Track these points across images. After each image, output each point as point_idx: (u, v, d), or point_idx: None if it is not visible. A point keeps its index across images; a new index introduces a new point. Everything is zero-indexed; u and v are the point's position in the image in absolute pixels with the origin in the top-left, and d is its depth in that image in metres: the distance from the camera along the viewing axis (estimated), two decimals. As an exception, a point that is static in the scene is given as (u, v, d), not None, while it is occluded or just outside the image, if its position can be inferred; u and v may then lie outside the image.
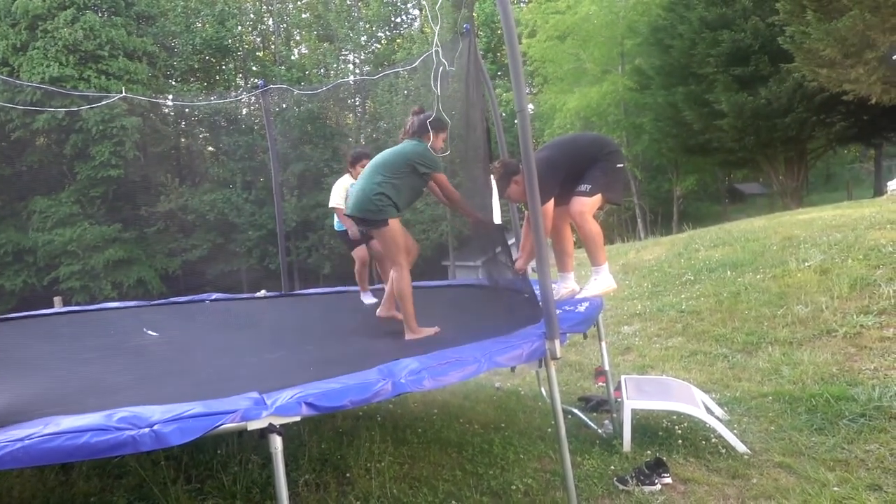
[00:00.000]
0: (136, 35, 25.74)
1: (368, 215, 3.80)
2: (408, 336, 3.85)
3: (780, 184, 20.21)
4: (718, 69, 17.94)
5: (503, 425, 4.36)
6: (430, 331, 3.83)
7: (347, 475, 3.54)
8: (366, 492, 3.34)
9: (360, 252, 5.55)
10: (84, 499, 3.37)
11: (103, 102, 13.42)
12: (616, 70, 23.40)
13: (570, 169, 3.96)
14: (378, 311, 4.48)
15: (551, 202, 3.88)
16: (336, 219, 5.61)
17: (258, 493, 3.36)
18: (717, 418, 3.99)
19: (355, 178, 5.06)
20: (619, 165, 4.09)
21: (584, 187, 3.92)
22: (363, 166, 5.04)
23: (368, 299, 5.54)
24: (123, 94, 8.45)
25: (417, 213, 22.58)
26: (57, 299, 12.09)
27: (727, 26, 17.70)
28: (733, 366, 5.25)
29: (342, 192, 5.43)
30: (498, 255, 4.45)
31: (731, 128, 17.93)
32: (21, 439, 2.00)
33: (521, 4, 29.09)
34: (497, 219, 4.06)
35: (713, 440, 3.81)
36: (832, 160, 31.12)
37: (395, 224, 3.80)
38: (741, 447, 3.69)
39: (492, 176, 4.07)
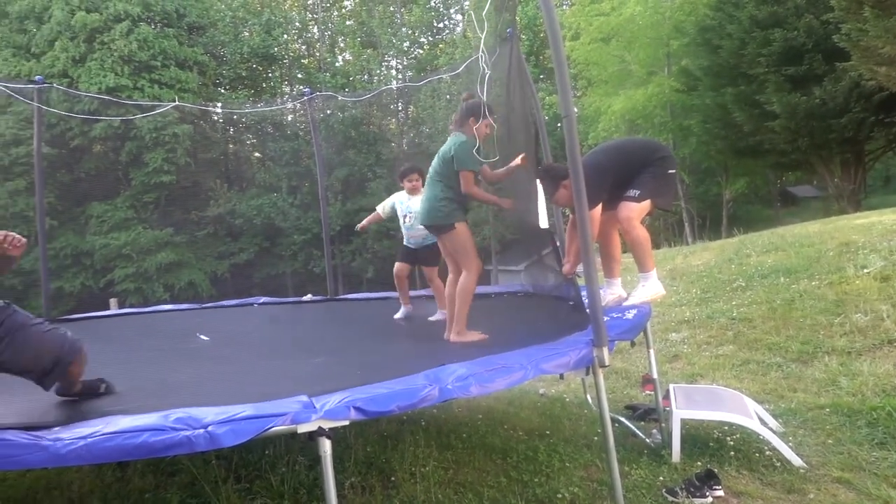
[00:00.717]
0: (187, 45, 26.57)
1: (437, 222, 3.94)
2: (453, 338, 3.87)
3: (835, 186, 19.52)
4: (770, 69, 17.45)
5: (548, 432, 4.32)
6: (476, 336, 3.84)
7: (392, 479, 3.56)
8: (411, 496, 3.35)
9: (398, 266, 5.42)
10: (139, 495, 3.47)
11: (157, 111, 13.89)
12: (662, 71, 23.02)
13: (619, 174, 3.89)
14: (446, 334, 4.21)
15: (598, 208, 3.82)
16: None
17: (305, 494, 3.40)
18: (772, 430, 3.86)
19: (409, 193, 5.21)
20: (670, 171, 3.99)
21: (633, 192, 3.85)
22: (410, 181, 5.19)
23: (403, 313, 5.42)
24: (176, 102, 8.71)
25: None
26: (112, 301, 12.54)
27: (779, 25, 17.21)
28: (788, 376, 5.08)
29: (390, 203, 5.43)
30: (544, 257, 4.41)
31: (783, 129, 17.41)
32: (84, 437, 2.08)
33: (564, 7, 28.88)
34: (543, 223, 4.03)
35: (767, 453, 3.69)
36: (892, 162, 29.85)
37: (462, 228, 3.90)
38: (797, 461, 3.56)
39: (538, 180, 4.04)
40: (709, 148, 22.08)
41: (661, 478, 3.49)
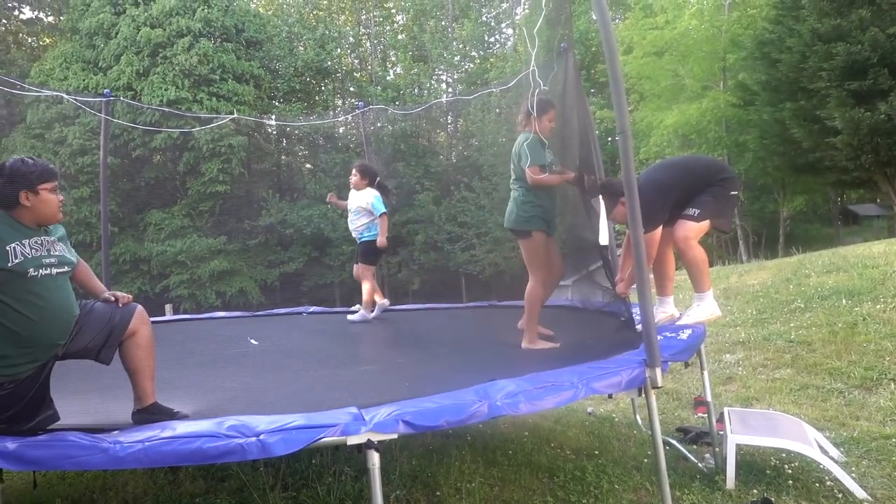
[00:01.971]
0: (244, 59, 27.38)
1: (515, 226, 4.09)
2: (524, 345, 4.05)
3: (901, 205, 18.70)
4: (832, 84, 16.85)
5: (596, 452, 4.23)
6: (546, 345, 3.89)
7: (437, 493, 3.54)
8: (456, 512, 3.33)
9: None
10: (190, 499, 3.54)
11: (216, 123, 14.34)
12: (717, 86, 22.54)
13: (681, 193, 3.79)
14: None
15: (659, 229, 3.73)
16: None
17: (350, 505, 3.42)
18: (833, 459, 3.69)
19: (353, 187, 5.90)
20: (732, 192, 3.89)
21: (692, 212, 3.76)
22: (352, 176, 5.89)
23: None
24: (235, 115, 8.97)
25: (507, 229, 22.54)
26: (168, 306, 12.98)
27: (842, 38, 16.62)
28: (850, 403, 4.85)
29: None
30: (593, 273, 4.37)
31: (845, 145, 16.77)
32: (141, 441, 2.14)
33: (617, 21, 28.64)
34: (604, 240, 3.99)
35: (828, 483, 3.53)
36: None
37: (539, 237, 4.02)
38: (860, 493, 3.39)
39: (600, 196, 3.99)
40: (765, 164, 21.44)
41: (715, 505, 3.37)
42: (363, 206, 5.85)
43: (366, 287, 5.86)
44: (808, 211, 27.70)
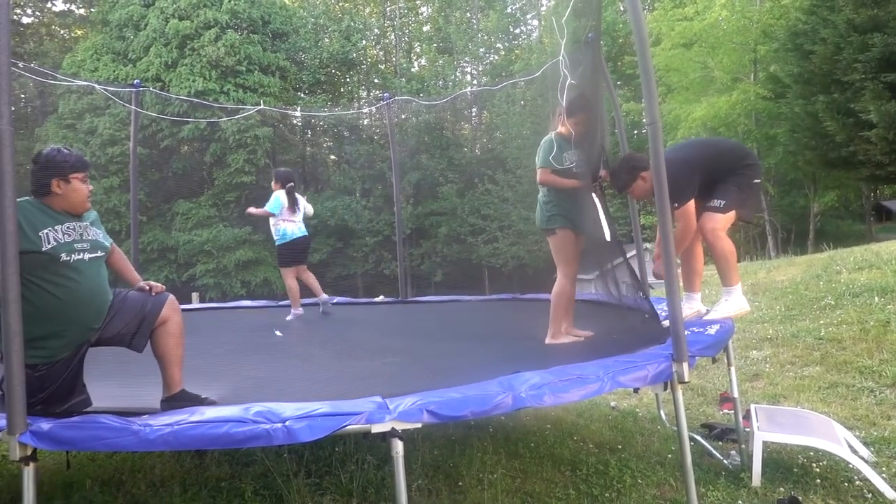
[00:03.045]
0: (270, 51, 27.57)
1: (540, 225, 4.22)
2: (547, 341, 4.08)
3: (937, 202, 18.20)
4: (867, 76, 16.42)
5: (619, 447, 4.20)
6: (569, 339, 3.94)
7: (459, 484, 3.54)
8: (477, 503, 3.33)
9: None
10: (216, 482, 3.59)
11: (242, 114, 14.45)
12: (747, 78, 22.11)
13: (706, 173, 3.73)
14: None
15: (692, 203, 3.68)
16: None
17: (373, 493, 3.44)
18: (863, 459, 3.62)
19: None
20: (755, 181, 3.84)
21: (717, 202, 3.70)
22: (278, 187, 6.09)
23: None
24: (262, 106, 9.05)
25: (530, 223, 22.49)
26: (194, 295, 13.17)
27: (879, 29, 16.18)
28: (881, 402, 4.75)
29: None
30: (615, 268, 4.33)
31: (880, 140, 16.35)
32: (170, 425, 2.18)
33: (645, 12, 28.22)
34: (607, 236, 3.93)
35: (857, 483, 3.46)
36: None
37: (563, 234, 4.10)
38: (891, 493, 3.31)
39: (593, 194, 3.96)
40: (796, 158, 21.00)
41: (740, 502, 3.33)
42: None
43: (288, 285, 6.12)
44: (839, 206, 27.12)
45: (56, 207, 2.63)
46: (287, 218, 6.07)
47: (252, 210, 6.48)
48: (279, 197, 6.10)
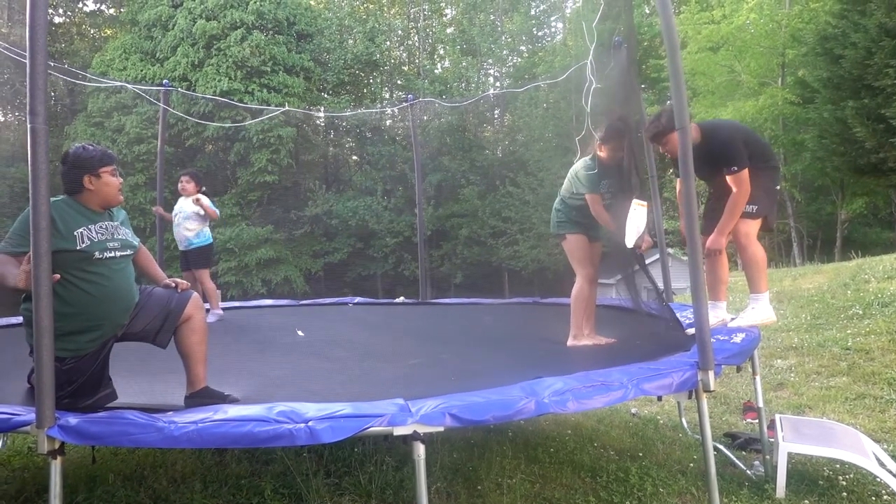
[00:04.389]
0: (295, 52, 27.81)
1: (551, 230, 4.42)
2: (569, 343, 4.18)
3: (970, 211, 17.77)
4: (899, 81, 16.10)
5: (640, 454, 4.16)
6: (590, 341, 4.04)
7: (478, 487, 3.53)
8: (497, 507, 3.31)
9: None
10: (236, 480, 3.62)
11: (266, 116, 14.59)
12: (775, 82, 21.77)
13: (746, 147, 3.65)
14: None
15: (745, 172, 3.55)
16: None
17: (391, 494, 3.44)
18: (891, 473, 3.54)
19: (181, 192, 5.98)
20: (777, 187, 3.83)
21: (750, 208, 3.66)
22: (180, 182, 6.01)
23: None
24: (286, 108, 9.11)
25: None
26: (217, 293, 13.26)
27: (912, 34, 15.87)
28: (911, 415, 4.65)
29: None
30: (635, 274, 4.31)
31: (912, 147, 16.03)
32: (195, 422, 2.20)
33: (671, 15, 27.90)
34: (629, 242, 3.88)
35: (885, 497, 3.39)
36: None
37: (573, 239, 4.28)
38: (922, 509, 3.25)
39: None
40: (824, 164, 20.62)
41: (764, 513, 3.28)
42: (195, 211, 5.92)
43: (209, 287, 5.95)
44: (867, 214, 26.56)
45: (91, 204, 2.69)
46: (207, 221, 5.97)
47: (215, 212, 6.04)
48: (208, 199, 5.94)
